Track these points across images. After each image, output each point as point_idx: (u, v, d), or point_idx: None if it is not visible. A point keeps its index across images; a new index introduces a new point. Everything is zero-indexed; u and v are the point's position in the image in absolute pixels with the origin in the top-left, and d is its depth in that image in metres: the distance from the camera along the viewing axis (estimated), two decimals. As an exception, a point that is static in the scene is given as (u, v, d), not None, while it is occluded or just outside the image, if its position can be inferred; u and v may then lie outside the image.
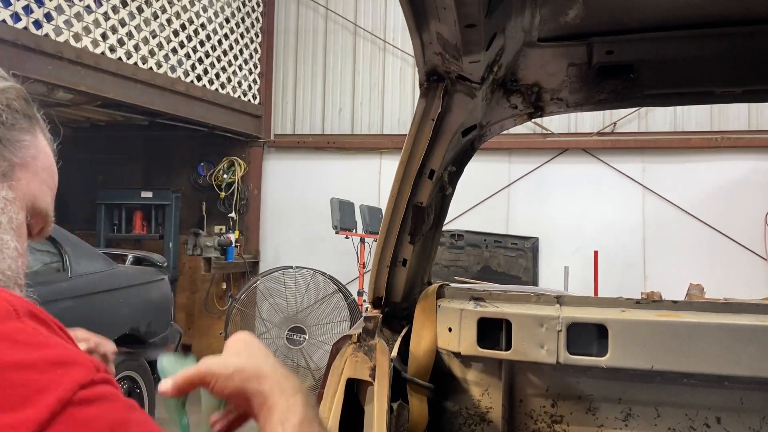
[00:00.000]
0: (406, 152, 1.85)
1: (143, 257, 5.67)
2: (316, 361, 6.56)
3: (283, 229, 8.59)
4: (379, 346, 1.86)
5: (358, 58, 8.56)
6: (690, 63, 1.92)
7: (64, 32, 5.56)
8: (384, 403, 1.76)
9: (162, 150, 8.54)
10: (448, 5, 1.39)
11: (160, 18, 6.78)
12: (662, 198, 7.58)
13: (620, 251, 7.59)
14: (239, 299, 6.66)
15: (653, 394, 1.93)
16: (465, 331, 1.98)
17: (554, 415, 2.04)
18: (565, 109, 2.12)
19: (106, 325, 4.58)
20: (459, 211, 7.72)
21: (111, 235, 8.03)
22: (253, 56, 8.40)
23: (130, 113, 7.09)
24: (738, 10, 1.74)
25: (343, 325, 6.48)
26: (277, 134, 8.72)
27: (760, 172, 7.37)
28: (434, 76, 1.73)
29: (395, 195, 1.91)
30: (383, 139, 8.33)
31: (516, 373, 2.06)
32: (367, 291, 2.18)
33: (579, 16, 1.76)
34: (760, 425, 1.85)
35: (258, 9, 8.49)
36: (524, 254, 7.59)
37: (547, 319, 1.89)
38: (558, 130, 7.92)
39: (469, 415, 2.12)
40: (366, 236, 7.10)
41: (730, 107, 7.45)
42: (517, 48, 1.86)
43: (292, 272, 6.69)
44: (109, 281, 4.82)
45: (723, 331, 1.75)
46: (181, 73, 7.02)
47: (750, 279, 7.21)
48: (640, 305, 1.87)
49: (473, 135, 2.04)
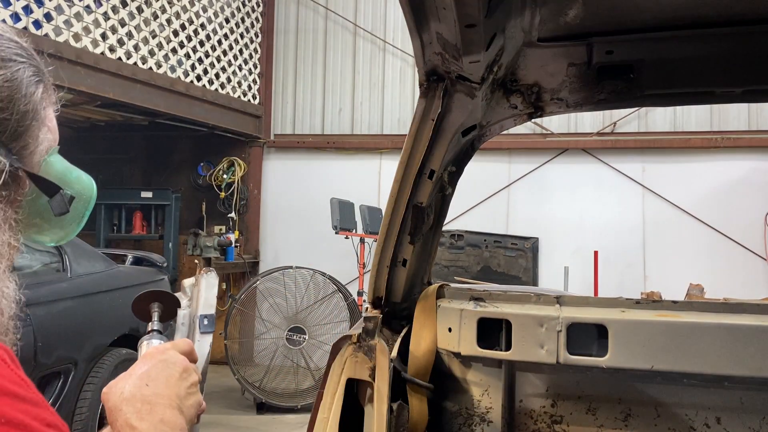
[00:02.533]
0: (406, 152, 1.85)
1: (143, 257, 5.67)
2: (315, 361, 6.56)
3: (283, 229, 8.59)
4: (379, 346, 1.86)
5: (358, 58, 8.56)
6: (690, 63, 1.92)
7: (63, 32, 5.56)
8: (384, 403, 1.76)
9: (162, 150, 8.54)
10: (448, 5, 1.39)
11: (160, 18, 6.78)
12: (662, 198, 7.58)
13: (620, 251, 7.59)
14: (239, 299, 6.66)
15: (653, 394, 1.93)
16: (465, 331, 1.98)
17: (554, 415, 2.04)
18: (565, 109, 2.11)
19: (105, 325, 4.58)
20: (459, 211, 7.72)
21: (111, 235, 8.03)
22: (252, 56, 8.40)
23: (130, 113, 7.09)
24: (738, 10, 1.74)
25: (343, 325, 6.47)
26: (277, 134, 8.72)
27: (760, 172, 7.37)
28: (434, 76, 1.73)
29: (395, 195, 1.90)
30: (383, 139, 8.33)
31: (516, 373, 2.06)
32: (367, 291, 2.18)
33: (579, 16, 1.76)
34: (760, 425, 1.85)
35: (258, 9, 8.49)
36: (524, 254, 7.59)
37: (547, 319, 1.89)
38: (558, 130, 7.93)
39: (469, 415, 2.12)
40: (366, 236, 7.09)
41: (730, 107, 7.46)
42: (517, 48, 1.86)
43: (291, 272, 6.69)
44: (108, 281, 4.82)
45: (723, 331, 1.75)
46: (180, 73, 7.02)
47: (750, 279, 7.21)
48: (640, 305, 1.87)
49: (473, 135, 2.04)
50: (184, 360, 0.98)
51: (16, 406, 0.65)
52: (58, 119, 0.91)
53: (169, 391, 0.91)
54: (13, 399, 0.65)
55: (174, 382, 0.93)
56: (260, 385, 6.49)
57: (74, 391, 4.18)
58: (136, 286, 5.16)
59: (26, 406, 0.66)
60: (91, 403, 4.21)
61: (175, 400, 0.91)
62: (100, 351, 4.43)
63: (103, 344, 4.48)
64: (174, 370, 0.95)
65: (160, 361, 0.95)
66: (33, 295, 3.89)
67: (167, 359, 0.96)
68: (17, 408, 0.64)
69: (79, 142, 7.77)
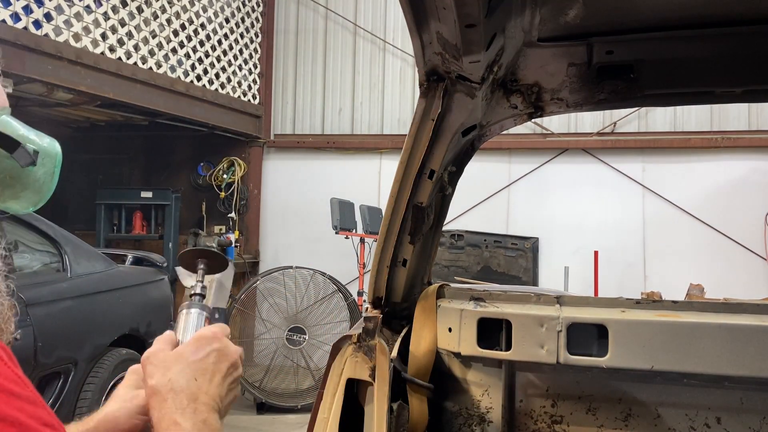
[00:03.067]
0: (406, 152, 1.85)
1: (143, 257, 5.67)
2: (316, 361, 6.56)
3: (283, 229, 8.59)
4: (379, 346, 1.86)
5: (358, 58, 8.56)
6: (690, 63, 1.92)
7: (63, 32, 5.56)
8: (384, 404, 1.76)
9: (162, 150, 8.54)
10: (448, 5, 1.39)
11: (160, 18, 6.78)
12: (662, 198, 7.58)
13: (620, 251, 7.59)
14: (239, 299, 6.66)
15: (653, 394, 1.93)
16: (465, 331, 1.98)
17: (554, 415, 2.04)
18: (565, 109, 2.11)
19: (105, 325, 4.59)
20: (459, 211, 7.72)
21: (111, 235, 8.02)
22: (252, 56, 8.39)
23: (130, 113, 7.09)
24: (738, 10, 1.74)
25: (343, 325, 6.48)
26: (277, 134, 8.72)
27: (760, 172, 7.37)
28: (434, 76, 1.73)
29: (395, 195, 1.90)
30: (383, 139, 8.33)
31: (516, 373, 2.06)
32: (367, 291, 2.18)
33: (579, 16, 1.76)
34: (760, 425, 1.85)
35: (258, 9, 8.49)
36: (524, 254, 7.59)
37: (547, 319, 1.89)
38: (558, 130, 7.92)
39: (469, 415, 2.12)
40: (366, 236, 7.09)
41: (730, 107, 7.45)
42: (517, 48, 1.86)
43: (291, 272, 6.69)
44: (108, 281, 4.82)
45: (723, 331, 1.75)
46: (180, 73, 7.02)
47: (750, 279, 7.21)
48: (640, 305, 1.87)
49: (473, 135, 2.04)
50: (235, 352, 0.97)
51: (13, 403, 0.65)
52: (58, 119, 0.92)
53: (214, 391, 0.91)
54: (10, 396, 0.65)
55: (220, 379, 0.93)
56: (260, 385, 6.49)
57: (74, 391, 4.18)
58: (136, 286, 5.16)
59: (23, 404, 0.66)
60: (91, 403, 4.21)
61: (217, 402, 0.91)
62: (100, 351, 4.43)
63: (103, 344, 4.48)
64: (224, 364, 0.94)
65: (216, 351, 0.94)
66: (33, 295, 3.90)
67: (222, 350, 0.95)
68: (14, 405, 0.64)
69: (79, 142, 7.76)
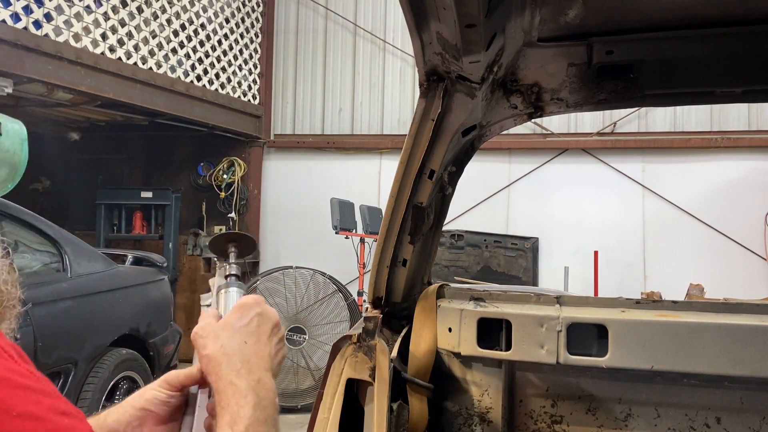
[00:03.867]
0: (406, 152, 1.85)
1: (143, 257, 5.66)
2: (316, 361, 6.55)
3: (283, 229, 8.59)
4: (379, 346, 1.86)
5: (358, 58, 8.56)
6: (690, 63, 1.92)
7: (63, 32, 5.56)
8: (384, 403, 1.76)
9: (162, 150, 8.54)
10: (448, 5, 1.39)
11: (160, 18, 6.78)
12: (662, 198, 7.58)
13: (620, 251, 7.59)
14: (239, 299, 6.65)
15: (653, 394, 1.93)
16: (465, 331, 1.98)
17: (554, 415, 2.04)
18: (565, 109, 2.11)
19: (105, 326, 4.59)
20: (459, 211, 7.72)
21: (111, 235, 8.02)
22: (252, 56, 8.39)
23: (130, 113, 7.09)
24: (738, 10, 1.74)
25: (343, 325, 6.48)
26: (276, 134, 8.72)
27: (760, 172, 7.37)
28: (434, 76, 1.73)
29: (395, 195, 1.90)
30: (383, 139, 8.33)
31: (516, 373, 2.06)
32: (367, 291, 2.18)
33: (579, 16, 1.76)
34: (760, 425, 1.85)
35: (258, 9, 8.49)
36: (524, 254, 7.59)
37: (547, 319, 1.89)
38: (558, 130, 7.92)
39: (469, 415, 2.12)
40: (366, 236, 7.09)
41: (730, 107, 7.45)
42: (517, 48, 1.86)
43: (292, 272, 6.69)
44: (108, 281, 4.82)
45: (723, 331, 1.75)
46: (181, 73, 7.02)
47: (750, 279, 7.21)
48: (640, 305, 1.87)
49: (473, 135, 2.04)
50: (275, 314, 1.02)
51: (29, 398, 0.66)
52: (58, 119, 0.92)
53: (264, 351, 0.96)
54: (25, 391, 0.66)
55: (266, 339, 0.97)
56: (260, 385, 6.48)
57: (74, 391, 4.18)
58: (136, 286, 5.16)
59: (39, 397, 0.67)
60: (91, 403, 4.21)
61: (268, 361, 0.95)
62: (100, 351, 4.43)
63: (103, 344, 4.48)
64: (267, 326, 0.99)
65: (257, 315, 0.99)
66: (33, 295, 3.90)
67: (263, 313, 1.00)
68: (30, 400, 0.65)
69: (79, 142, 7.77)
